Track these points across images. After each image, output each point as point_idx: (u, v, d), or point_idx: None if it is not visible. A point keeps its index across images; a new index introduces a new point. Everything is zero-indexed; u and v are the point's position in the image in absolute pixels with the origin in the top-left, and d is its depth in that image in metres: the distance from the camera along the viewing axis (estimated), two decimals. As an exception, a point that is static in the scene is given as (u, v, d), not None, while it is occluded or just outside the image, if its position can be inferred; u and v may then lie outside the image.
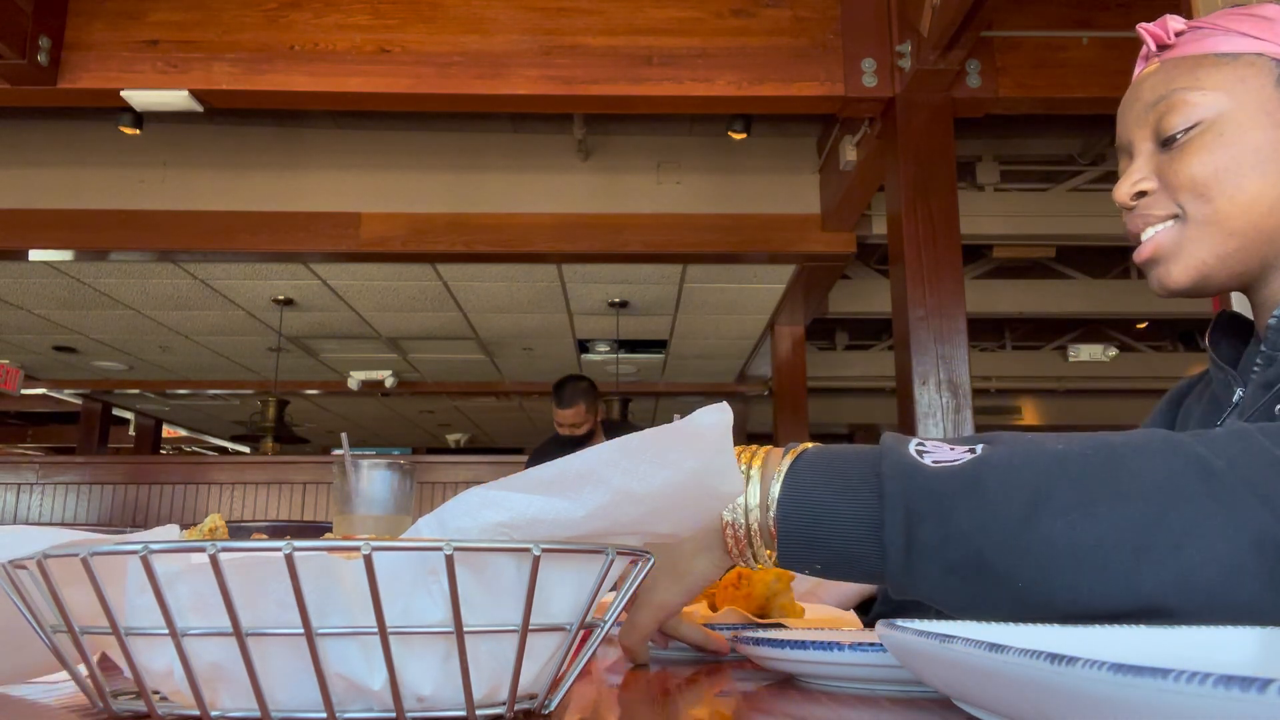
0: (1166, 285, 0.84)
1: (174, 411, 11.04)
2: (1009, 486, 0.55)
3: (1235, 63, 0.81)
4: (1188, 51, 0.84)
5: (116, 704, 0.45)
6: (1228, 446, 0.54)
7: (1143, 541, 0.52)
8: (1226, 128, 0.80)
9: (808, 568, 0.61)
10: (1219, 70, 0.81)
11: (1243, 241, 0.80)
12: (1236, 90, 0.81)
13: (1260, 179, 0.79)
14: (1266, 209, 0.79)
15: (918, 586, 0.58)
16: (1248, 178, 0.79)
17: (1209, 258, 0.81)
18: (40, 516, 6.01)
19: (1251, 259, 0.81)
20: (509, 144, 4.97)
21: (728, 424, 0.46)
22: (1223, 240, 0.81)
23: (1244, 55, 0.81)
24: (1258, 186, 0.79)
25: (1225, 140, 0.80)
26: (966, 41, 3.12)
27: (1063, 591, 0.53)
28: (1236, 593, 0.51)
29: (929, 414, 3.19)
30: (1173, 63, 0.85)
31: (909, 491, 0.57)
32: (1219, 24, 0.84)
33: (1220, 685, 0.27)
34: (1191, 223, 0.82)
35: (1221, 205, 0.80)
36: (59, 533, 0.48)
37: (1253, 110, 0.80)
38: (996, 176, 5.02)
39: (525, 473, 0.43)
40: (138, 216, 4.85)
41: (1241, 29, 0.82)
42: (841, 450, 0.63)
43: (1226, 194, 0.80)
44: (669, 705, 0.57)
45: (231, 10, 3.56)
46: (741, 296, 6.34)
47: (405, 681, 0.41)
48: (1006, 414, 10.04)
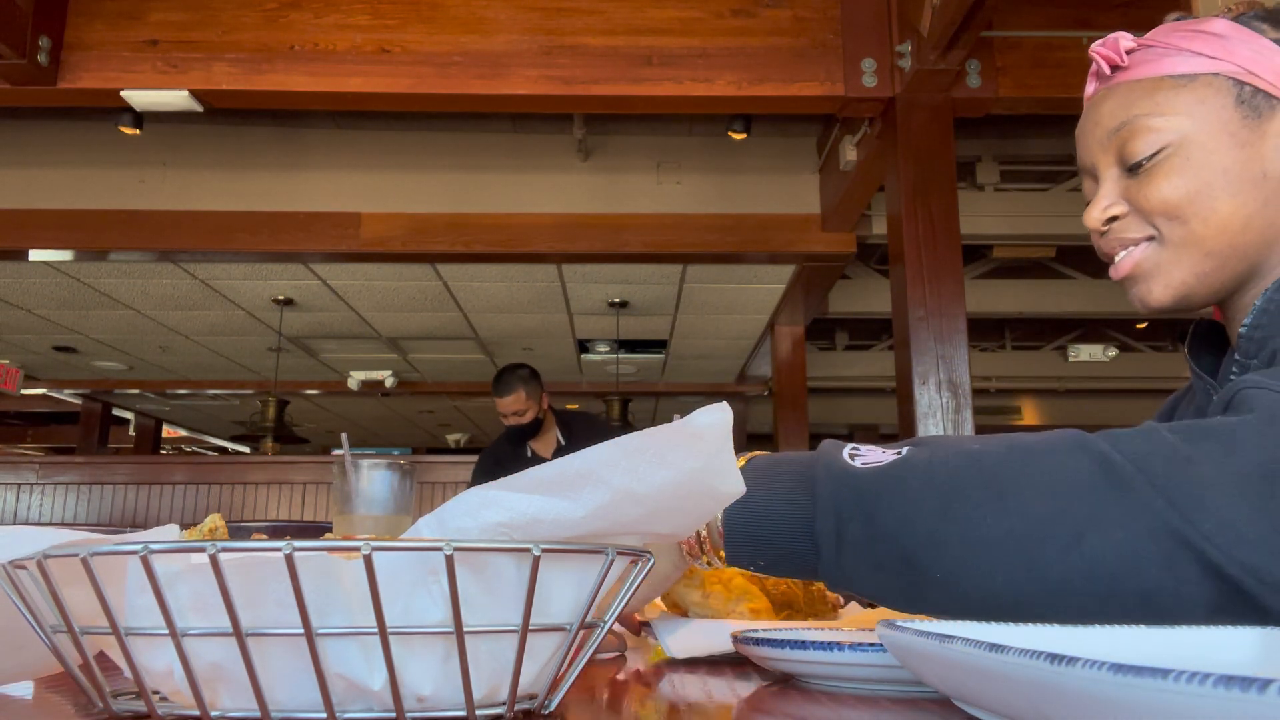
0: (1148, 303, 0.85)
1: (174, 411, 11.04)
2: (927, 484, 0.58)
3: (1193, 84, 0.82)
4: (1143, 74, 0.84)
5: (116, 704, 0.45)
6: (1132, 442, 0.56)
7: (1047, 532, 0.55)
8: (1193, 151, 0.81)
9: (752, 565, 0.66)
10: (1178, 94, 0.82)
11: (1220, 260, 0.82)
12: (1197, 113, 0.81)
13: (1231, 199, 0.80)
14: (1240, 228, 0.81)
15: (851, 582, 0.62)
16: (1219, 199, 0.80)
17: (1189, 277, 0.83)
18: (40, 516, 6.01)
19: (1230, 276, 0.82)
20: (509, 144, 4.97)
21: (728, 424, 0.46)
22: (1201, 260, 0.82)
23: (1201, 76, 0.82)
24: (1230, 207, 0.80)
25: (1193, 164, 0.81)
26: (966, 41, 3.12)
27: (978, 581, 0.56)
28: (1138, 579, 0.53)
29: (929, 414, 3.19)
30: (1129, 86, 0.85)
31: (838, 493, 0.61)
32: (1171, 43, 0.84)
33: (1220, 685, 0.27)
34: (1169, 244, 0.83)
35: (1196, 227, 0.81)
36: (59, 533, 0.48)
37: (1215, 131, 0.81)
38: (996, 176, 5.02)
39: (525, 472, 0.43)
40: (138, 216, 4.85)
41: (1195, 48, 0.83)
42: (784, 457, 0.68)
43: (1200, 216, 0.81)
44: (669, 705, 0.57)
45: (231, 10, 3.56)
46: (741, 296, 6.34)
47: (405, 681, 0.41)
48: (1006, 414, 10.04)
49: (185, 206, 4.85)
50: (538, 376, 4.01)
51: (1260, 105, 0.81)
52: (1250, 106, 0.81)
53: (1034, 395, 9.91)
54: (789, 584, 0.91)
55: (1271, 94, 0.81)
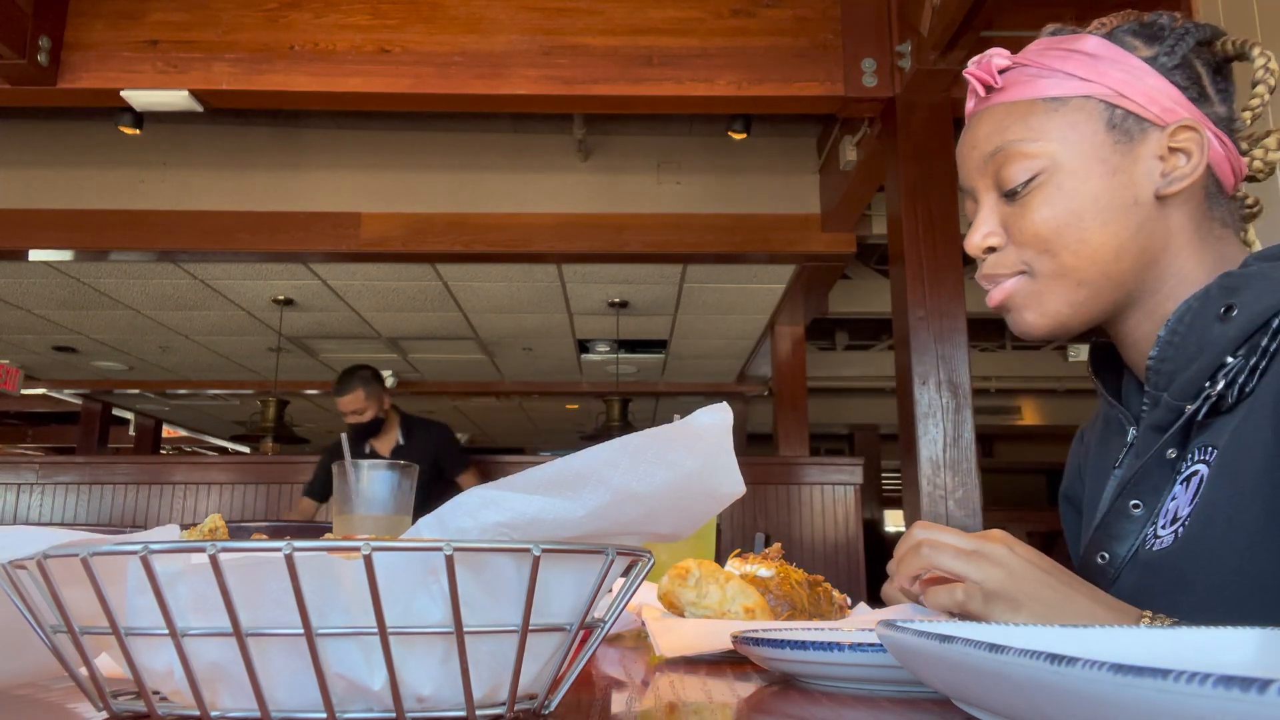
0: (1027, 332, 0.85)
1: (174, 411, 11.04)
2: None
3: (1065, 108, 0.81)
4: (1018, 95, 0.83)
5: (116, 704, 0.45)
6: None
7: None
8: (1064, 180, 0.80)
9: None
10: (1050, 118, 0.81)
11: (1094, 289, 0.81)
12: (1070, 138, 0.81)
13: (1101, 229, 0.80)
14: (1112, 256, 0.80)
15: None
16: (1089, 229, 0.80)
17: (1062, 307, 0.82)
18: (40, 516, 6.01)
19: (1105, 303, 0.82)
20: (509, 144, 4.97)
21: (728, 424, 0.46)
22: (1073, 290, 0.82)
23: (1072, 99, 0.81)
24: (1100, 237, 0.80)
25: (1064, 193, 0.80)
26: (966, 42, 3.11)
27: None
28: None
29: (929, 414, 3.19)
30: (1005, 108, 0.84)
31: None
32: (1045, 63, 0.83)
33: (1220, 685, 0.27)
34: (1040, 277, 0.83)
35: (1066, 259, 0.81)
36: (59, 533, 0.48)
37: (1087, 157, 0.80)
38: (996, 176, 5.01)
39: (525, 472, 0.43)
40: (138, 216, 4.84)
41: (1067, 69, 0.82)
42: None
43: (1070, 248, 0.80)
44: (669, 705, 0.57)
45: (231, 10, 3.56)
46: (741, 296, 6.34)
47: (405, 681, 0.41)
48: (1006, 414, 10.05)
49: (185, 206, 4.85)
50: (379, 379, 4.20)
51: (1131, 129, 0.80)
52: (1121, 130, 0.80)
53: (1034, 395, 9.92)
54: (792, 584, 0.91)
55: (1143, 117, 0.80)
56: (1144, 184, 0.80)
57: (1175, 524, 0.76)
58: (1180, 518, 0.76)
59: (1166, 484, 0.79)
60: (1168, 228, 0.81)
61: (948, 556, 0.71)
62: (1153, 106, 0.80)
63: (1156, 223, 0.80)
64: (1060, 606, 0.69)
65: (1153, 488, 0.80)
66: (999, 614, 0.69)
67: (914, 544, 0.74)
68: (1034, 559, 0.71)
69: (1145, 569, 0.78)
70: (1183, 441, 0.79)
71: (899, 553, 0.76)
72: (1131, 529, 0.81)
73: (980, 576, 0.70)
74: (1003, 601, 0.69)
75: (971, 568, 0.70)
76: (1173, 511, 0.77)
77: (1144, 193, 0.80)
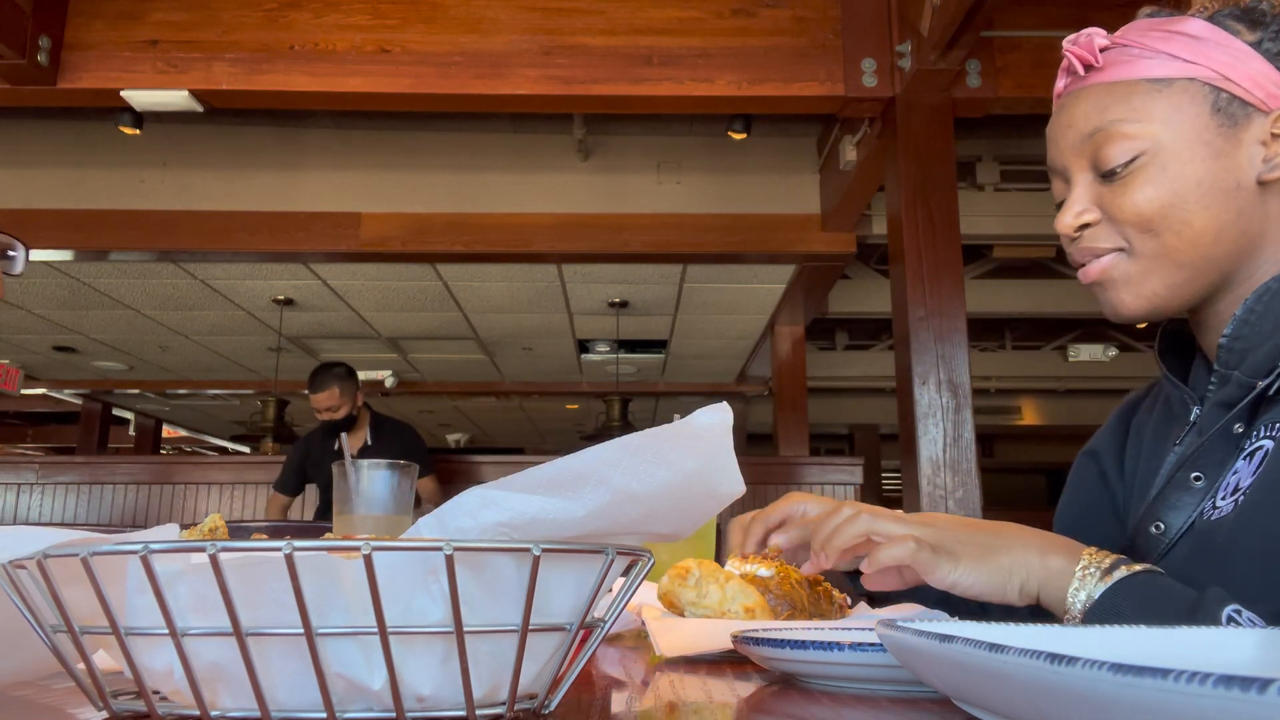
0: (1120, 312, 0.84)
1: (174, 411, 11.03)
2: None
3: (1169, 89, 0.81)
4: (1118, 75, 0.83)
5: (116, 704, 0.45)
6: None
7: None
8: (1168, 161, 0.80)
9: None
10: (1154, 99, 0.81)
11: (1193, 272, 0.81)
12: (1173, 120, 0.80)
13: (1204, 211, 0.79)
14: (1213, 239, 0.80)
15: None
16: (1192, 211, 0.80)
17: (1160, 289, 0.82)
18: (40, 516, 6.01)
19: (1202, 286, 0.82)
20: (509, 144, 4.97)
21: (728, 424, 0.46)
22: (1173, 272, 0.81)
23: (1177, 81, 0.81)
24: (1203, 220, 0.80)
25: (1168, 175, 0.80)
26: (966, 41, 3.12)
27: None
28: None
29: (929, 414, 3.19)
30: (1104, 88, 0.83)
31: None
32: (1147, 44, 0.82)
33: (1220, 685, 0.27)
34: (1140, 256, 0.82)
35: (1169, 240, 0.80)
36: (59, 533, 0.48)
37: (1191, 140, 0.80)
38: (996, 176, 5.02)
39: (525, 472, 0.43)
40: (138, 216, 4.84)
41: (1170, 50, 0.81)
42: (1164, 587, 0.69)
43: (1174, 229, 0.80)
44: (669, 705, 0.57)
45: (231, 10, 3.56)
46: (741, 296, 6.34)
47: (405, 681, 0.41)
48: (1006, 414, 10.04)
49: (185, 206, 4.85)
50: (354, 376, 4.23)
51: (1236, 113, 0.80)
52: (1226, 114, 0.80)
53: (1034, 395, 9.91)
54: (792, 584, 0.91)
55: (1247, 101, 0.79)
56: (1246, 169, 0.80)
57: (1235, 494, 0.76)
58: (1242, 489, 0.76)
59: (1230, 458, 0.79)
60: (1266, 213, 0.81)
61: (886, 520, 0.77)
62: (1258, 91, 0.79)
63: (1256, 208, 0.80)
64: (992, 543, 0.75)
65: (1216, 461, 0.80)
66: (942, 566, 0.73)
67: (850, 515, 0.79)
68: (959, 518, 0.79)
69: (1200, 537, 0.78)
70: (1250, 418, 0.79)
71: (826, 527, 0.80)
72: (1190, 500, 0.81)
73: (921, 533, 0.75)
74: (943, 553, 0.74)
75: (912, 527, 0.76)
76: (1234, 484, 0.77)
77: (1246, 177, 0.80)
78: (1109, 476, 0.97)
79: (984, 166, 5.03)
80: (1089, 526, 0.96)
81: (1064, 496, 1.02)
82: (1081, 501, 0.99)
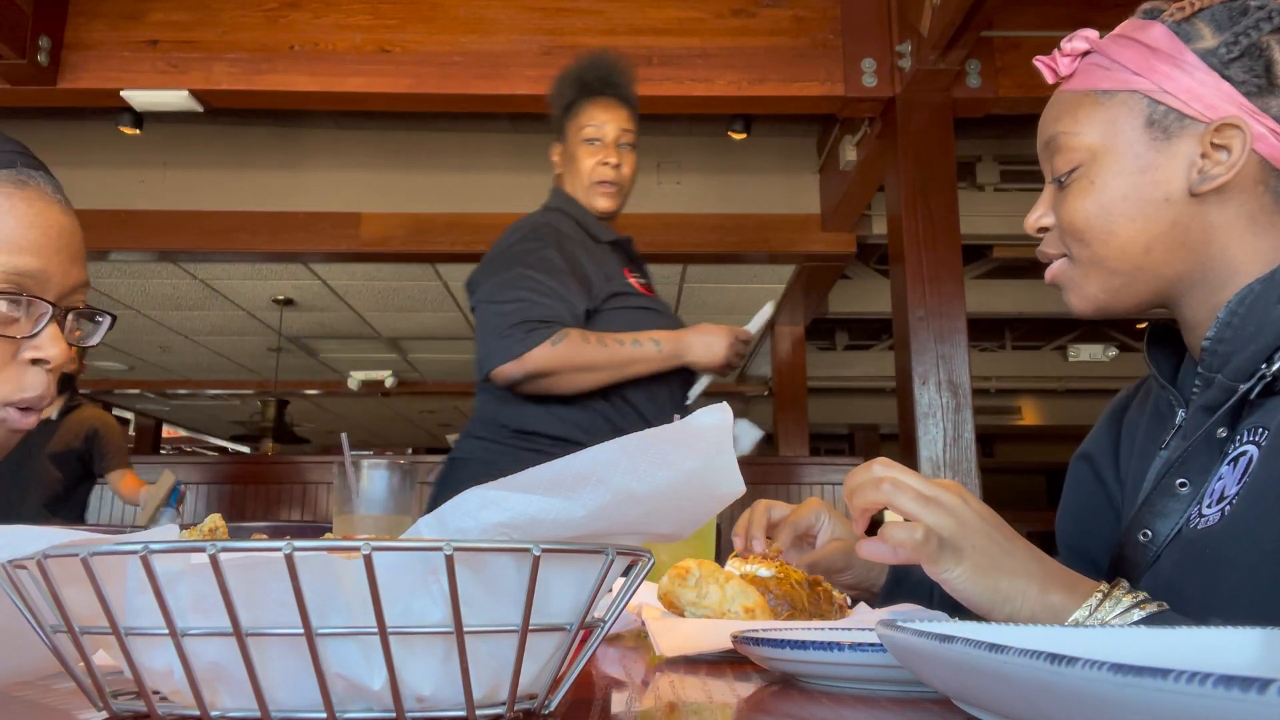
0: (1073, 309, 0.89)
1: (174, 411, 11.04)
2: None
3: (1110, 102, 0.83)
4: (1079, 85, 0.86)
5: (116, 704, 0.45)
6: None
7: None
8: (1097, 174, 0.83)
9: None
10: (1095, 111, 0.83)
11: (1126, 278, 0.84)
12: (1108, 133, 0.82)
13: (1129, 224, 0.82)
14: (1142, 250, 0.82)
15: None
16: (1116, 223, 0.82)
17: (1099, 293, 0.85)
18: (40, 516, 6.00)
19: (1142, 290, 0.84)
20: (509, 144, 4.97)
21: (728, 424, 0.46)
22: (1108, 278, 0.84)
23: (1119, 94, 0.82)
24: (1128, 232, 0.82)
25: (1095, 187, 0.83)
26: (966, 41, 3.11)
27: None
28: None
29: (929, 414, 3.19)
30: (1067, 96, 0.87)
31: None
32: (1109, 53, 0.84)
33: (1220, 685, 0.27)
34: (1078, 262, 0.86)
35: (1097, 249, 0.84)
36: (59, 533, 0.48)
37: (1120, 153, 0.82)
38: (996, 176, 5.02)
39: (525, 472, 0.43)
40: (138, 216, 4.84)
41: (1123, 60, 0.83)
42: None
43: (1100, 239, 0.83)
44: (669, 705, 0.57)
45: (231, 10, 3.56)
46: (741, 297, 6.34)
47: (405, 681, 0.41)
48: (1006, 414, 10.05)
49: (185, 206, 4.85)
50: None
51: (1170, 125, 0.80)
52: (1160, 127, 0.80)
53: (1034, 395, 9.91)
54: (791, 584, 0.91)
55: (1184, 114, 0.80)
56: (1177, 182, 0.80)
57: (1222, 503, 0.76)
58: (1227, 496, 0.75)
59: (1214, 463, 0.79)
60: (1209, 223, 0.81)
61: (907, 498, 0.73)
62: (1195, 104, 0.80)
63: (1194, 219, 0.81)
64: (1000, 560, 0.72)
65: (1200, 466, 0.80)
66: (944, 561, 0.71)
67: (874, 478, 0.75)
68: (984, 513, 0.74)
69: (1188, 547, 0.78)
70: (1233, 422, 0.79)
71: (854, 481, 0.77)
72: (1176, 507, 0.81)
73: (934, 522, 0.72)
74: (950, 549, 0.72)
75: (928, 512, 0.72)
76: (1219, 491, 0.77)
77: (1176, 190, 0.80)
78: (1105, 478, 0.97)
79: (984, 166, 5.02)
80: (1089, 530, 0.96)
81: (1062, 502, 1.02)
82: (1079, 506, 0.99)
